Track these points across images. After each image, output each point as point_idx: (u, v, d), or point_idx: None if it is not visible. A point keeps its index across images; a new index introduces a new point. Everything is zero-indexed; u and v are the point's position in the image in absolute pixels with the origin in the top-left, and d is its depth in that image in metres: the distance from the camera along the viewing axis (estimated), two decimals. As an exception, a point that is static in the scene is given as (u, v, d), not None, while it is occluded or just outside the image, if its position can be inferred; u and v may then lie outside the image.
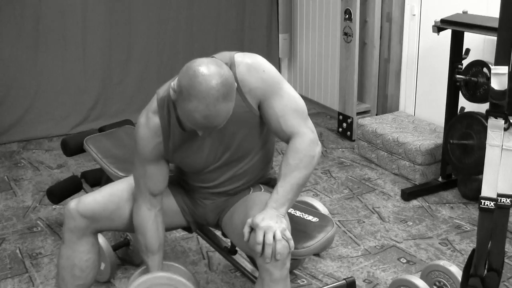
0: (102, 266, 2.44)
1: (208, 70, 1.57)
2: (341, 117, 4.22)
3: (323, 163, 3.78)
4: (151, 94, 1.89)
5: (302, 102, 1.84)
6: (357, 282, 2.40)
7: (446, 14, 3.20)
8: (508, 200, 1.80)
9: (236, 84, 1.65)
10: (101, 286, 2.49)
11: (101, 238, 2.35)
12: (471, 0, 3.32)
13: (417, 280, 2.15)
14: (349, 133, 4.16)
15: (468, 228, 2.95)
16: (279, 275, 1.71)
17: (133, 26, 4.42)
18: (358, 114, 4.14)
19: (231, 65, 1.75)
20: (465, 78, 3.03)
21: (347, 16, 3.97)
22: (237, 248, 2.16)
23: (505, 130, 1.77)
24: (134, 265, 2.62)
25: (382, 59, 4.12)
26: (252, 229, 1.70)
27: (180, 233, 2.89)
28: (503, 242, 1.86)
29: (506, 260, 2.67)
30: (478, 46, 3.28)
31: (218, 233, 2.26)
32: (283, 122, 1.79)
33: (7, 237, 2.91)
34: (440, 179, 3.38)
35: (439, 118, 3.54)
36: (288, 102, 1.79)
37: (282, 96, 1.79)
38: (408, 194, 3.27)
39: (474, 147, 3.00)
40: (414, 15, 3.82)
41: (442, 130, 3.31)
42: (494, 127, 1.78)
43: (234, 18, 4.82)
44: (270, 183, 2.04)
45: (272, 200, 1.75)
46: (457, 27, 3.07)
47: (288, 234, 1.69)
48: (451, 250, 2.76)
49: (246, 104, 1.77)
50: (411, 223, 3.02)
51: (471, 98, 3.07)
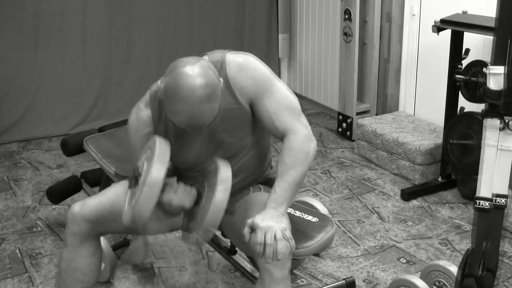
0: (102, 266, 2.44)
1: (192, 71, 1.59)
2: (340, 117, 4.22)
3: (323, 163, 3.78)
4: (151, 94, 1.90)
5: (294, 98, 1.84)
6: (356, 282, 2.40)
7: (446, 14, 3.20)
8: (503, 200, 1.81)
9: (221, 83, 1.67)
10: (101, 286, 2.49)
11: (101, 239, 2.35)
12: (471, 0, 3.32)
13: (417, 280, 2.15)
14: (348, 133, 4.16)
15: (467, 228, 2.95)
16: (280, 275, 1.71)
17: (133, 26, 4.42)
18: (358, 114, 4.13)
19: (222, 63, 1.77)
20: (464, 78, 3.03)
21: (347, 16, 3.97)
22: (236, 248, 2.16)
23: (501, 130, 1.77)
24: (134, 265, 2.62)
25: (381, 59, 4.12)
26: (252, 229, 1.70)
27: (180, 233, 2.88)
28: (498, 242, 1.87)
29: (506, 260, 2.67)
30: (478, 46, 3.28)
31: (218, 233, 2.26)
32: (276, 119, 1.79)
33: (7, 237, 2.91)
34: (439, 179, 3.38)
35: (439, 118, 3.53)
36: (280, 99, 1.80)
37: (273, 93, 1.79)
38: (408, 194, 3.27)
39: (474, 147, 3.00)
40: (414, 15, 3.82)
41: (442, 130, 3.31)
42: (490, 127, 1.79)
43: (234, 18, 4.82)
44: (270, 183, 2.03)
45: (270, 200, 1.75)
46: (457, 27, 3.07)
47: (288, 233, 1.69)
48: (451, 250, 2.76)
49: (236, 102, 1.78)
50: (411, 223, 3.02)
51: (471, 98, 3.07)
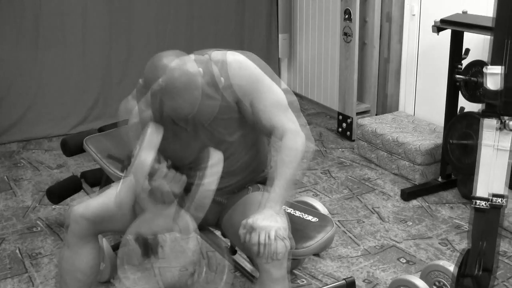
0: (102, 266, 2.44)
1: (167, 61, 1.63)
2: (340, 117, 4.22)
3: (323, 163, 3.78)
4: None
5: (282, 95, 1.85)
6: (356, 282, 2.40)
7: (445, 14, 3.20)
8: (500, 200, 1.81)
9: (201, 73, 1.69)
10: (101, 286, 2.49)
11: (101, 239, 2.35)
12: (471, 0, 3.32)
13: (416, 280, 2.15)
14: (348, 133, 4.15)
15: (467, 228, 2.95)
16: (278, 275, 1.71)
17: (133, 26, 4.42)
18: (358, 114, 4.13)
19: (208, 61, 1.78)
20: (464, 78, 3.03)
21: (347, 16, 3.97)
22: (236, 248, 2.16)
23: (498, 130, 1.77)
24: (134, 265, 2.62)
25: (381, 59, 4.12)
26: (248, 230, 1.70)
27: (180, 233, 2.88)
28: (495, 242, 1.87)
29: (506, 260, 2.67)
30: (478, 46, 3.28)
31: (218, 233, 2.26)
32: (262, 116, 1.80)
33: (7, 237, 2.91)
34: (439, 179, 3.38)
35: (439, 118, 3.53)
36: (267, 96, 1.81)
37: (260, 90, 1.81)
38: (407, 194, 3.27)
39: (474, 147, 3.00)
40: (414, 15, 3.82)
41: (442, 130, 3.31)
42: (488, 127, 1.79)
43: (234, 18, 4.82)
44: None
45: (265, 200, 1.75)
46: (456, 27, 3.07)
47: (284, 233, 1.69)
48: (451, 250, 2.76)
49: (223, 99, 1.79)
50: (411, 223, 3.02)
51: (471, 98, 3.07)
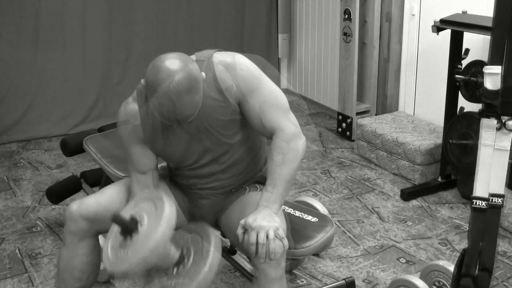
0: (102, 266, 2.44)
1: (171, 64, 1.62)
2: (340, 117, 4.22)
3: (323, 163, 3.78)
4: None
5: (282, 96, 1.84)
6: (356, 282, 2.40)
7: (445, 14, 3.20)
8: (500, 199, 1.81)
9: (203, 76, 1.68)
10: (101, 286, 2.49)
11: (101, 239, 2.35)
12: (471, 0, 3.32)
13: (416, 280, 2.15)
14: (348, 133, 4.16)
15: (467, 228, 2.95)
16: (275, 275, 1.71)
17: (133, 26, 4.43)
18: (358, 114, 4.14)
19: (209, 62, 1.77)
20: (464, 78, 3.03)
21: (347, 16, 3.97)
22: (236, 248, 2.16)
23: (497, 130, 1.77)
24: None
25: (381, 59, 4.12)
26: (245, 230, 1.70)
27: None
28: (495, 241, 1.87)
29: (505, 260, 2.67)
30: (478, 46, 3.29)
31: (218, 233, 2.26)
32: (263, 118, 1.79)
33: (7, 237, 2.91)
34: (439, 179, 3.38)
35: (439, 118, 3.54)
36: (267, 98, 1.80)
37: (261, 92, 1.80)
38: (407, 194, 3.27)
39: (474, 147, 3.00)
40: (414, 15, 3.82)
41: (442, 130, 3.31)
42: (487, 127, 1.79)
43: (233, 18, 4.82)
44: (266, 182, 2.04)
45: (262, 199, 1.75)
46: (456, 27, 3.07)
47: (281, 232, 1.69)
48: (451, 250, 2.77)
49: (224, 100, 1.78)
50: (411, 223, 3.02)
51: (471, 98, 3.07)
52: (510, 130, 1.75)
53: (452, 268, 2.16)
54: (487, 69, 1.74)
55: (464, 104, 3.14)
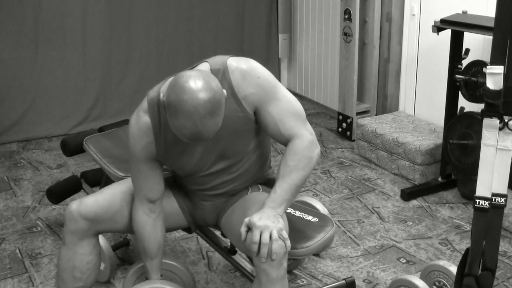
0: (102, 266, 2.44)
1: (195, 85, 1.55)
2: (340, 117, 4.22)
3: (323, 163, 3.78)
4: (151, 94, 1.89)
5: (299, 105, 1.84)
6: (356, 282, 2.40)
7: (445, 14, 3.20)
8: (502, 199, 1.81)
9: (225, 95, 1.63)
10: (101, 286, 2.49)
11: (101, 239, 2.35)
12: (471, 0, 3.32)
13: (416, 280, 2.15)
14: (348, 133, 4.16)
15: (467, 228, 2.95)
16: (276, 275, 1.71)
17: (133, 26, 4.42)
18: (358, 114, 4.14)
19: (225, 70, 1.75)
20: (464, 78, 3.03)
21: (347, 16, 3.97)
22: (236, 248, 2.16)
23: (500, 129, 1.77)
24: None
25: (381, 59, 4.12)
26: (249, 228, 1.70)
27: (180, 233, 2.89)
28: (498, 241, 1.86)
29: (505, 260, 2.67)
30: (478, 46, 3.29)
31: (218, 233, 2.26)
32: (281, 126, 1.79)
33: (7, 237, 2.91)
34: (439, 179, 3.38)
35: (439, 118, 3.54)
36: (285, 106, 1.79)
37: (278, 100, 1.79)
38: (407, 194, 3.27)
39: (474, 147, 3.00)
40: (414, 15, 3.82)
41: (442, 130, 3.31)
42: (489, 127, 1.78)
43: (234, 18, 4.82)
44: (269, 183, 2.04)
45: (269, 199, 1.75)
46: (456, 27, 3.07)
47: (284, 234, 1.69)
48: (451, 250, 2.76)
49: (242, 109, 1.77)
50: (411, 223, 3.02)
51: (471, 98, 3.07)
52: (512, 130, 1.75)
53: (452, 268, 2.16)
54: (489, 69, 1.74)
55: (464, 104, 3.13)
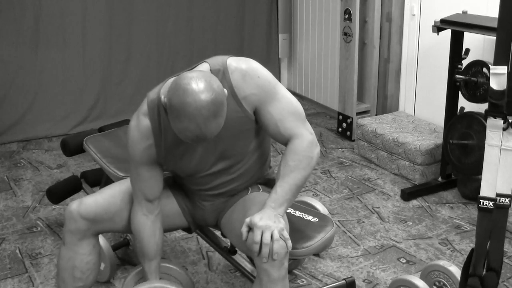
0: (102, 266, 2.44)
1: (197, 87, 1.55)
2: (340, 117, 4.22)
3: (323, 163, 3.78)
4: (151, 94, 1.89)
5: (299, 105, 1.84)
6: (356, 282, 2.40)
7: (445, 14, 3.20)
8: (507, 200, 1.80)
9: (226, 95, 1.63)
10: (101, 286, 2.49)
11: (101, 239, 2.35)
12: (471, 0, 3.32)
13: (417, 280, 2.15)
14: (348, 133, 4.16)
15: (468, 228, 2.95)
16: (277, 275, 1.71)
17: (133, 26, 4.43)
18: (358, 114, 4.14)
19: (225, 71, 1.75)
20: (464, 78, 3.03)
21: (347, 16, 3.97)
22: (236, 248, 2.16)
23: (504, 130, 1.77)
24: (134, 265, 2.62)
25: (381, 59, 4.12)
26: (250, 228, 1.70)
27: (180, 233, 2.89)
28: (502, 241, 1.86)
29: (506, 260, 2.67)
30: (478, 46, 3.29)
31: (218, 233, 2.26)
32: (281, 126, 1.79)
33: (7, 237, 2.91)
34: (440, 179, 3.38)
35: (439, 118, 3.53)
36: (285, 106, 1.79)
37: (278, 100, 1.79)
38: (408, 194, 3.27)
39: (474, 147, 3.00)
40: (414, 15, 3.82)
41: (442, 130, 3.31)
42: (493, 127, 1.78)
43: (234, 18, 4.83)
44: (269, 183, 2.04)
45: (270, 200, 1.75)
46: (456, 27, 3.07)
47: (286, 234, 1.69)
48: (451, 250, 2.76)
49: (242, 109, 1.77)
50: (411, 223, 3.02)
51: (471, 98, 3.07)
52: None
53: (452, 268, 2.16)
54: (493, 69, 1.74)
55: (464, 104, 3.13)
